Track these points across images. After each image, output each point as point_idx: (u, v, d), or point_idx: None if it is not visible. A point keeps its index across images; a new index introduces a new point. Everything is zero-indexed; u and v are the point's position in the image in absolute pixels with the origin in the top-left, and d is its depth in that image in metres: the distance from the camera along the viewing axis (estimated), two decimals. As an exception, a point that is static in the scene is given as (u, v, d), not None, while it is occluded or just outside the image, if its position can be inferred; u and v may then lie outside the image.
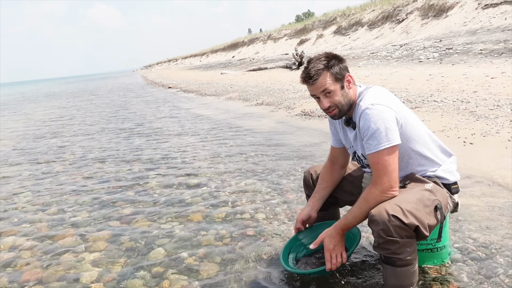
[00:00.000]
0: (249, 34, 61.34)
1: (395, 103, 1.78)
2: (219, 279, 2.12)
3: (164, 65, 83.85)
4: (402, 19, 20.81)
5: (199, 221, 2.94)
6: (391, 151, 1.68)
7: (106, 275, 2.27)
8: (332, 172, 2.13)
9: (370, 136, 1.70)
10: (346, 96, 1.82)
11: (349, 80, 1.82)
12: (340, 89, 1.80)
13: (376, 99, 1.75)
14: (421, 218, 1.62)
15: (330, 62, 1.78)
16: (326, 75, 1.78)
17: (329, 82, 1.78)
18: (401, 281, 1.70)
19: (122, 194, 3.74)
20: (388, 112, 1.71)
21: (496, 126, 4.34)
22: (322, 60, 1.79)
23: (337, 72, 1.78)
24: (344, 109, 1.83)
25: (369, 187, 1.74)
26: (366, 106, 1.73)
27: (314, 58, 1.83)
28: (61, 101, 18.97)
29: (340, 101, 1.81)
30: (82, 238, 2.80)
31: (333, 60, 1.80)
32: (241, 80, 16.33)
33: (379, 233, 1.62)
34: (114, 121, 9.41)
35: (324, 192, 2.11)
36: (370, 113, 1.70)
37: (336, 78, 1.79)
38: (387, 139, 1.67)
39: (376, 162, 1.70)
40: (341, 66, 1.80)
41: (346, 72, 1.82)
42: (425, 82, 8.01)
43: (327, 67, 1.77)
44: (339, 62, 1.81)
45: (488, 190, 2.91)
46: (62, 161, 5.44)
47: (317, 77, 1.78)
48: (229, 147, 5.37)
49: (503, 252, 2.07)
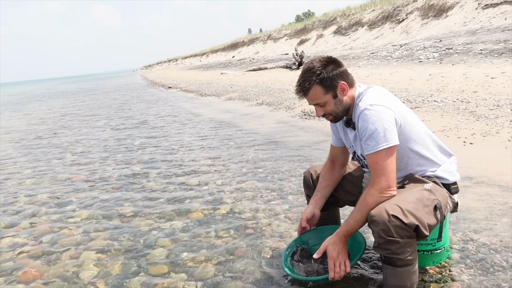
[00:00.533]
0: (249, 34, 61.36)
1: (394, 103, 1.78)
2: (219, 279, 2.12)
3: (164, 65, 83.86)
4: (402, 19, 20.81)
5: (199, 221, 2.94)
6: (389, 152, 1.68)
7: (106, 274, 2.27)
8: (333, 171, 2.13)
9: (368, 137, 1.70)
10: (340, 104, 1.83)
11: (343, 88, 1.81)
12: (333, 99, 1.81)
13: (374, 100, 1.75)
14: (421, 217, 1.62)
15: (321, 73, 1.77)
16: (317, 89, 1.79)
17: (320, 95, 1.80)
18: (401, 281, 1.70)
19: (122, 193, 3.74)
20: (387, 112, 1.70)
21: (496, 126, 4.34)
22: (315, 72, 1.78)
23: (329, 84, 1.78)
24: (339, 115, 1.86)
25: (367, 189, 1.74)
26: (364, 107, 1.73)
27: (307, 67, 1.82)
28: (62, 100, 18.98)
29: (333, 110, 1.84)
30: (82, 238, 2.80)
31: (327, 67, 1.78)
32: (241, 80, 16.33)
33: (379, 234, 1.61)
34: (114, 120, 9.41)
35: (326, 190, 2.11)
36: (369, 114, 1.70)
37: (327, 90, 1.79)
38: (385, 139, 1.67)
39: (374, 163, 1.70)
40: (335, 75, 1.78)
41: (340, 80, 1.79)
42: (425, 82, 8.01)
43: (317, 81, 1.77)
44: (335, 68, 1.79)
45: (488, 190, 2.91)
46: (62, 160, 5.44)
47: (308, 91, 1.80)
48: (229, 147, 5.37)
49: (503, 253, 2.07)
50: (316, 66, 1.79)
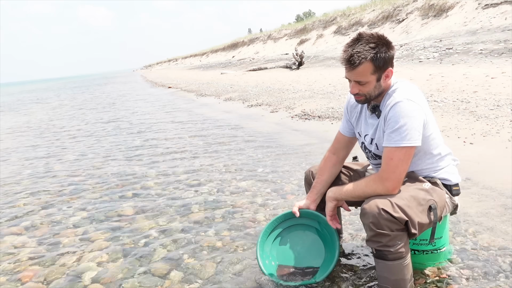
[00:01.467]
0: (249, 34, 61.32)
1: (425, 103, 1.76)
2: (219, 279, 2.12)
3: (164, 65, 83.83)
4: (402, 19, 20.80)
5: (199, 221, 2.94)
6: (408, 152, 1.67)
7: (106, 274, 2.27)
8: (331, 165, 2.09)
9: (395, 130, 1.67)
10: (378, 89, 1.75)
11: (388, 75, 1.74)
12: (376, 81, 1.72)
13: (411, 95, 1.70)
14: (412, 215, 1.63)
15: (378, 52, 1.66)
16: (368, 66, 1.67)
17: (367, 73, 1.69)
18: (394, 275, 1.70)
19: (122, 193, 3.74)
20: (419, 111, 1.68)
21: (496, 126, 4.34)
22: (371, 47, 1.65)
23: (380, 65, 1.68)
24: (371, 99, 1.79)
25: (375, 177, 1.73)
26: (400, 99, 1.68)
27: (363, 36, 1.68)
28: (61, 100, 18.97)
29: (370, 93, 1.76)
30: (82, 238, 2.80)
31: (382, 48, 1.67)
32: (241, 80, 16.33)
33: (370, 226, 1.64)
34: (114, 120, 9.41)
35: (323, 186, 2.08)
36: (403, 107, 1.66)
37: (376, 71, 1.69)
38: (410, 137, 1.65)
39: (389, 158, 1.68)
40: (388, 57, 1.69)
41: (389, 65, 1.71)
42: (425, 82, 8.00)
43: (372, 58, 1.66)
44: (387, 50, 1.69)
45: (488, 190, 2.91)
46: (62, 160, 5.44)
47: (358, 65, 1.67)
48: (229, 147, 5.36)
49: (503, 254, 2.07)
50: (374, 41, 1.67)
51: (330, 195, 1.90)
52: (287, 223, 2.14)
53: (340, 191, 1.87)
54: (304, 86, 10.78)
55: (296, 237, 2.13)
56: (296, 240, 2.13)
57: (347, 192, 1.83)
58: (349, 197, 1.84)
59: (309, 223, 2.11)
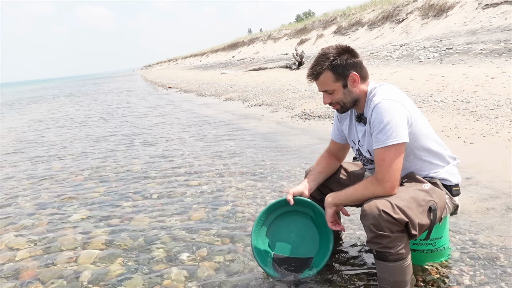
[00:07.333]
0: (249, 34, 61.32)
1: (407, 102, 1.78)
2: (219, 279, 2.11)
3: (164, 65, 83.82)
4: (402, 19, 20.79)
5: (199, 221, 2.94)
6: (398, 149, 1.68)
7: (106, 274, 2.26)
8: (329, 160, 2.13)
9: (380, 130, 1.69)
10: (349, 95, 1.82)
11: (354, 80, 1.80)
12: (342, 88, 1.81)
13: (389, 95, 1.75)
14: (412, 216, 1.63)
15: (335, 60, 1.77)
16: (327, 75, 1.79)
17: (330, 82, 1.80)
18: (394, 276, 1.71)
19: (122, 193, 3.74)
20: (401, 109, 1.71)
21: (496, 126, 4.34)
22: (329, 57, 1.78)
23: (340, 72, 1.78)
24: (347, 106, 1.86)
25: (372, 179, 1.74)
26: (379, 101, 1.73)
27: (323, 52, 1.82)
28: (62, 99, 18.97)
29: (342, 99, 1.83)
30: (82, 237, 2.80)
31: (342, 55, 1.78)
32: (241, 80, 16.33)
33: (370, 228, 1.64)
34: (114, 120, 9.41)
35: (319, 175, 2.08)
36: (383, 107, 1.70)
37: (338, 78, 1.79)
38: (396, 135, 1.66)
39: (381, 159, 1.70)
40: (348, 64, 1.78)
41: (352, 71, 1.79)
42: (425, 82, 8.00)
43: (329, 67, 1.77)
44: (349, 57, 1.79)
45: (488, 190, 2.91)
46: (62, 160, 5.44)
47: (318, 76, 1.80)
48: (229, 147, 5.36)
49: (503, 253, 2.07)
50: (331, 52, 1.79)
51: (329, 201, 1.88)
52: (281, 210, 2.11)
53: (339, 196, 1.86)
54: (304, 86, 10.77)
55: (290, 224, 2.11)
56: (291, 227, 2.11)
57: (346, 196, 1.83)
58: (348, 201, 1.84)
59: (303, 210, 2.08)
